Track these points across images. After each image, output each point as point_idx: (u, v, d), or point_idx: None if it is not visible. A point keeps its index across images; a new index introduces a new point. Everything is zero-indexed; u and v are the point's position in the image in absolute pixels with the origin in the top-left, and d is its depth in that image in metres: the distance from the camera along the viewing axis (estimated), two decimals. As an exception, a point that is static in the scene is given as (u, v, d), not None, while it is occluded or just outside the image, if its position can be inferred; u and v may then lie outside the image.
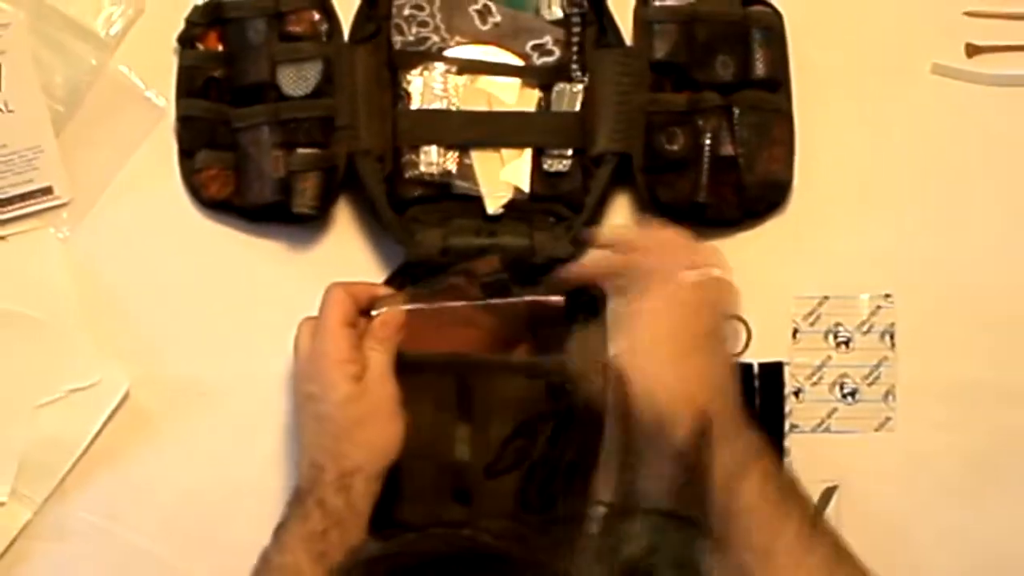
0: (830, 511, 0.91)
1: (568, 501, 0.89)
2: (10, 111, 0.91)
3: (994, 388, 0.92)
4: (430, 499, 0.86)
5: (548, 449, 0.88)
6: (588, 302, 0.90)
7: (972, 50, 0.94)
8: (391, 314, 0.83)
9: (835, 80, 0.94)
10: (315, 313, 0.92)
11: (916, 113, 0.94)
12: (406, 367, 0.87)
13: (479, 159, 0.90)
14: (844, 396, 0.92)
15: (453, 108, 0.90)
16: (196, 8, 0.91)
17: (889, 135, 0.94)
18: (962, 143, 0.94)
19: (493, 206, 0.90)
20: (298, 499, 0.80)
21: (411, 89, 0.90)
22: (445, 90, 0.90)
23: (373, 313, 0.83)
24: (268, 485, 0.91)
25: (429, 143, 0.90)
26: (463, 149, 0.90)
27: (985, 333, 0.93)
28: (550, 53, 0.90)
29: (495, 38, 0.91)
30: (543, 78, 0.91)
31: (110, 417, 0.90)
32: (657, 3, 0.91)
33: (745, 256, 0.91)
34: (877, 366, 0.92)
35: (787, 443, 0.91)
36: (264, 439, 0.92)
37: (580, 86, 0.91)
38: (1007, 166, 0.94)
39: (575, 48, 0.91)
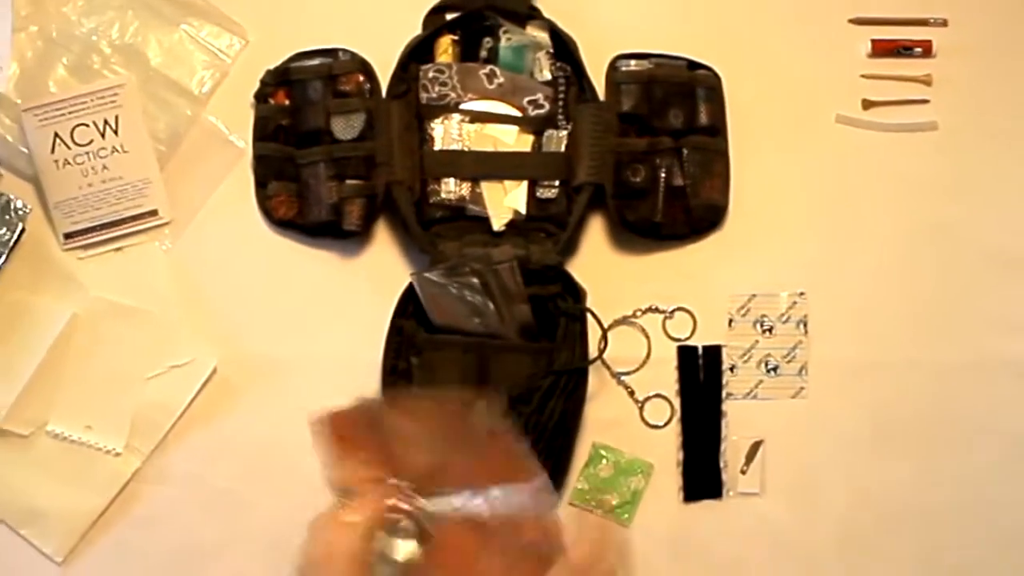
0: (757, 460, 0.98)
1: (551, 455, 0.97)
2: (125, 151, 1.00)
3: (884, 365, 1.00)
4: None
5: (537, 415, 0.95)
6: (571, 292, 0.97)
7: (867, 104, 1.03)
8: None
9: (762, 127, 1.02)
10: (361, 312, 0.99)
11: (824, 153, 1.03)
12: (442, 344, 0.96)
13: (487, 188, 0.99)
14: (768, 371, 0.99)
15: (466, 149, 0.99)
16: (268, 72, 1.00)
17: (803, 170, 1.03)
18: (860, 175, 1.03)
19: (498, 224, 0.98)
20: None
21: (434, 134, 0.99)
22: (460, 135, 0.99)
23: None
24: (326, 440, 0.99)
25: (448, 176, 0.98)
26: (474, 181, 0.99)
27: (878, 323, 1.01)
28: (542, 107, 0.99)
29: (499, 95, 0.99)
30: (536, 126, 0.99)
31: (202, 387, 0.99)
32: (624, 68, 0.99)
33: (691, 263, 1.01)
34: (793, 348, 1.00)
35: (724, 407, 0.99)
36: (323, 404, 0.93)
37: (565, 132, 0.99)
38: (895, 194, 1.02)
39: (561, 103, 0.99)
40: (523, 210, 0.99)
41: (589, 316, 0.98)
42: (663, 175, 0.99)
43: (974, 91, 1.04)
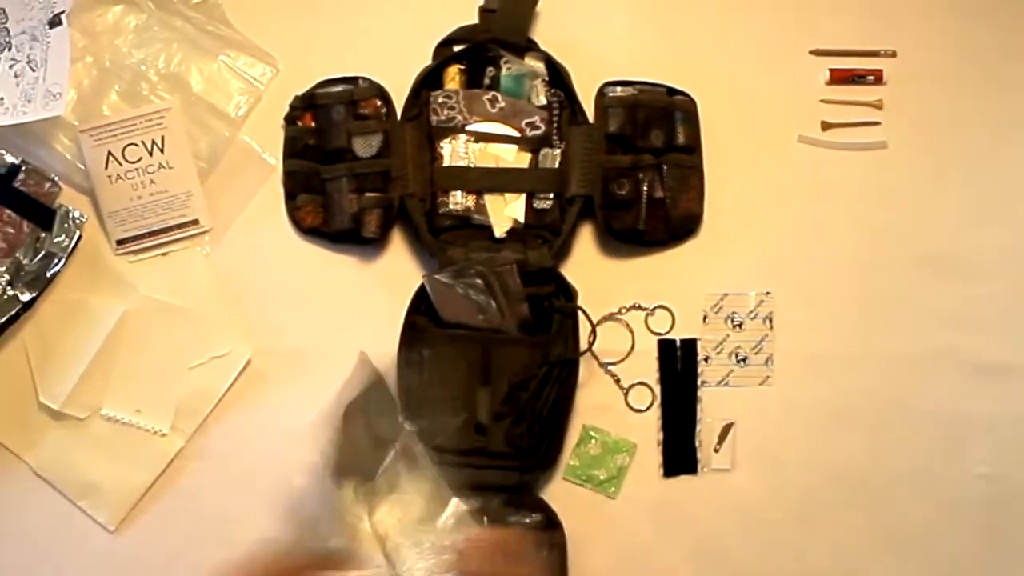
0: (728, 440, 1.02)
1: (543, 438, 0.99)
2: (170, 167, 1.02)
3: (840, 356, 1.03)
4: (460, 430, 0.98)
5: (534, 400, 0.98)
6: (564, 292, 0.99)
7: (825, 126, 1.06)
8: None
9: (732, 146, 1.05)
10: (379, 309, 1.00)
11: (788, 169, 1.06)
12: (450, 338, 0.98)
13: (490, 200, 1.01)
14: (738, 361, 1.03)
15: (472, 165, 1.01)
16: (297, 98, 1.03)
17: (769, 184, 1.05)
18: (819, 189, 1.05)
19: (499, 232, 1.01)
20: None
21: (443, 152, 1.02)
22: (466, 153, 1.02)
23: None
24: (348, 423, 0.97)
25: (456, 189, 1.01)
26: (479, 193, 1.01)
27: (835, 319, 1.04)
28: (538, 128, 1.01)
29: (501, 118, 1.02)
30: (533, 145, 1.02)
31: (237, 376, 1.02)
32: (611, 94, 1.02)
33: (671, 266, 1.04)
34: (760, 341, 1.03)
35: (699, 394, 1.02)
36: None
37: (558, 150, 1.02)
38: (850, 205, 1.05)
39: (555, 124, 1.02)
40: (522, 219, 1.01)
41: (580, 313, 0.99)
42: (645, 188, 1.02)
43: (920, 115, 1.07)
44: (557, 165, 1.02)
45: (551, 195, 1.01)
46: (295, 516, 0.84)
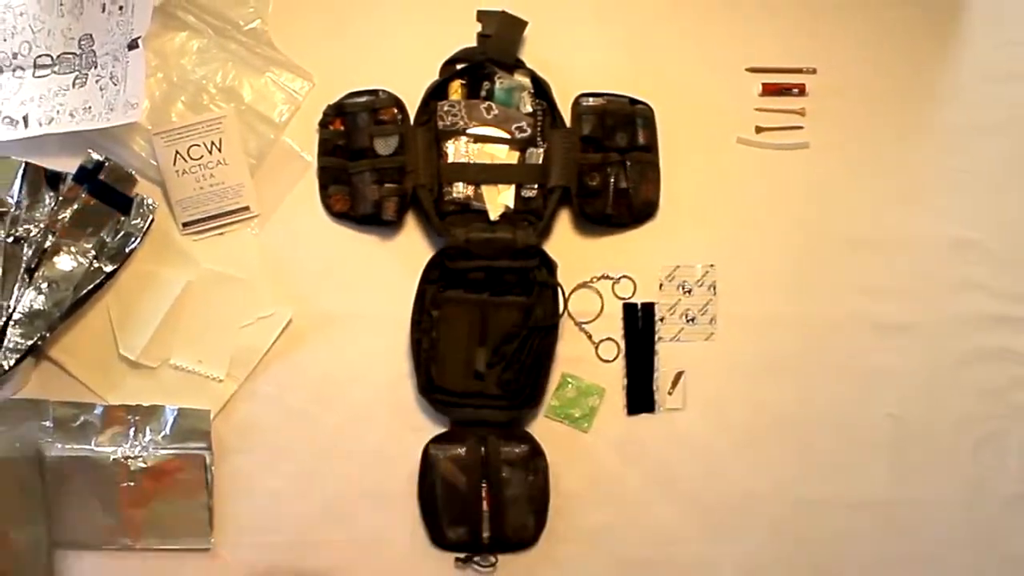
0: (680, 385, 1.08)
1: (528, 383, 1.05)
2: (226, 164, 1.08)
3: (772, 317, 1.09)
4: (461, 375, 1.05)
5: (518, 353, 1.05)
6: (546, 265, 1.05)
7: (759, 129, 1.12)
8: None
9: (683, 146, 1.11)
10: (396, 279, 1.04)
11: (728, 165, 1.12)
12: (455, 301, 1.04)
13: (486, 190, 1.08)
14: (688, 321, 1.10)
15: (471, 162, 1.08)
16: (328, 106, 1.09)
17: (713, 177, 1.11)
18: (753, 181, 1.12)
19: (494, 216, 1.07)
20: None
21: (448, 151, 1.08)
22: (467, 152, 1.08)
23: None
24: (373, 373, 1.07)
25: (458, 181, 1.07)
26: (477, 184, 1.07)
27: (767, 287, 1.10)
28: (525, 131, 1.08)
29: (495, 123, 1.08)
30: (521, 145, 1.08)
31: (280, 333, 1.08)
32: (584, 104, 1.08)
33: (634, 244, 1.10)
34: (706, 304, 1.10)
35: (656, 347, 1.08)
36: (369, 347, 1.07)
37: (542, 150, 1.08)
38: (778, 194, 1.11)
39: (539, 128, 1.08)
40: (512, 205, 1.07)
41: (559, 287, 1.06)
42: (612, 180, 1.08)
43: (836, 121, 1.13)
44: (540, 161, 1.08)
45: (536, 186, 1.08)
46: None
